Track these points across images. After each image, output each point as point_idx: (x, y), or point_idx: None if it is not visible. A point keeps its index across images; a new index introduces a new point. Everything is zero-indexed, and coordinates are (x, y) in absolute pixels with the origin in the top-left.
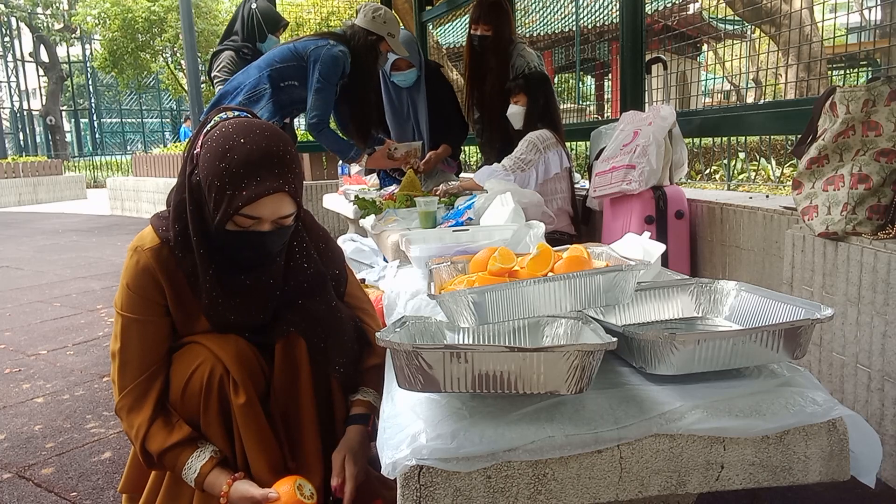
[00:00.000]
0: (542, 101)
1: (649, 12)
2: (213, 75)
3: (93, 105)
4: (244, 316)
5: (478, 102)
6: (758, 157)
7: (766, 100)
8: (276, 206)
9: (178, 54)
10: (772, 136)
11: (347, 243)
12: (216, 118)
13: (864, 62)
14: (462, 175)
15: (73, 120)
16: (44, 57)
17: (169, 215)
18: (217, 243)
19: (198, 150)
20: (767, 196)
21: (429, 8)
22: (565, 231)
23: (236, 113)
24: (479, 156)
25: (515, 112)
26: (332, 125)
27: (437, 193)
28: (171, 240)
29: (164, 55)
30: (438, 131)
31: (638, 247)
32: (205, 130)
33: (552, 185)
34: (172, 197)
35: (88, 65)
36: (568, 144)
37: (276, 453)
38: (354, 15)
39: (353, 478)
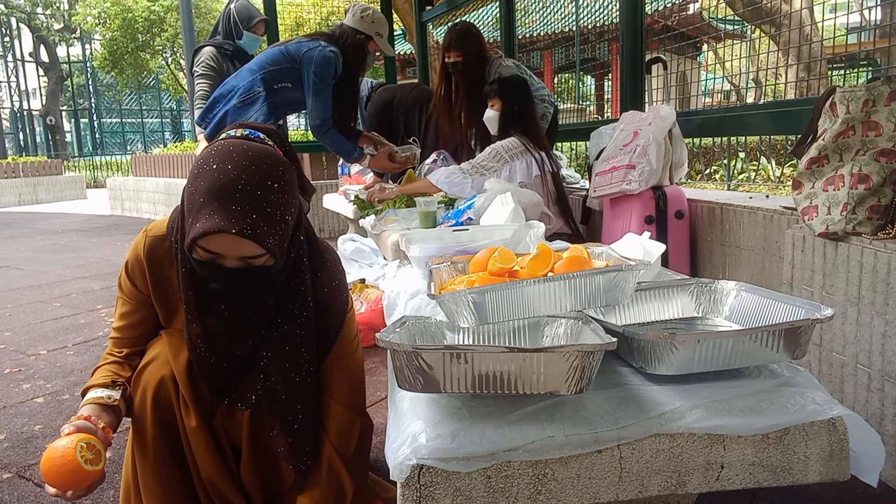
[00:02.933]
0: (518, 106)
1: (649, 12)
2: (192, 70)
3: (93, 105)
4: (218, 350)
5: (466, 124)
6: (758, 156)
7: (766, 100)
8: (232, 246)
9: (178, 54)
10: (772, 136)
11: (347, 243)
12: (224, 134)
13: (864, 62)
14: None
15: (73, 120)
16: (44, 57)
17: None
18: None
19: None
20: (767, 196)
21: (429, 8)
22: (562, 232)
23: (248, 131)
24: None
25: (491, 116)
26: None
27: (370, 198)
28: (174, 241)
29: (164, 55)
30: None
31: (638, 247)
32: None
33: None
34: None
35: (88, 65)
36: (568, 144)
37: (225, 471)
38: (344, 14)
39: None
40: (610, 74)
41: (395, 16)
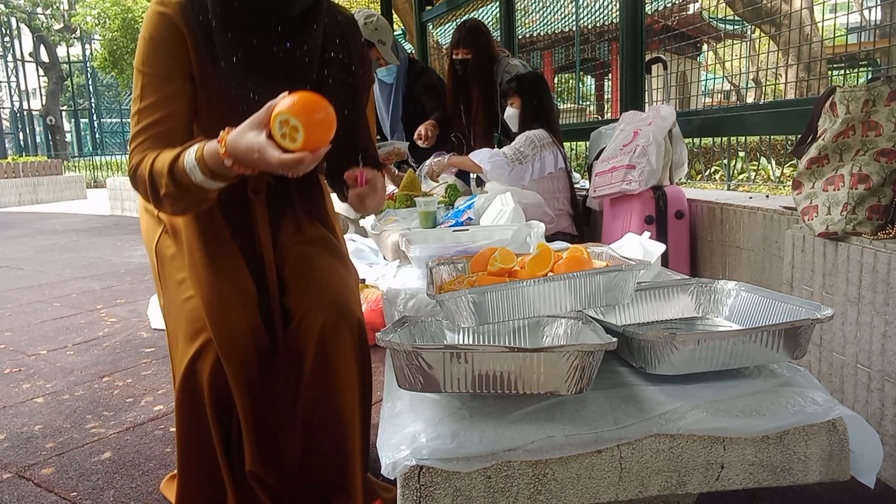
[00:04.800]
0: (536, 102)
1: (649, 12)
2: None
3: (93, 105)
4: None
5: (467, 122)
6: (758, 157)
7: (766, 100)
8: None
9: None
10: (772, 136)
11: (348, 243)
12: None
13: (864, 62)
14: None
15: (73, 120)
16: (44, 57)
17: None
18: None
19: None
20: (767, 196)
21: (429, 8)
22: (567, 231)
23: None
24: None
25: (511, 114)
26: None
27: (428, 173)
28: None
29: None
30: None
31: (638, 247)
32: None
33: (551, 185)
34: None
35: (88, 65)
36: (568, 144)
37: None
38: None
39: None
40: (610, 74)
41: (394, 16)
